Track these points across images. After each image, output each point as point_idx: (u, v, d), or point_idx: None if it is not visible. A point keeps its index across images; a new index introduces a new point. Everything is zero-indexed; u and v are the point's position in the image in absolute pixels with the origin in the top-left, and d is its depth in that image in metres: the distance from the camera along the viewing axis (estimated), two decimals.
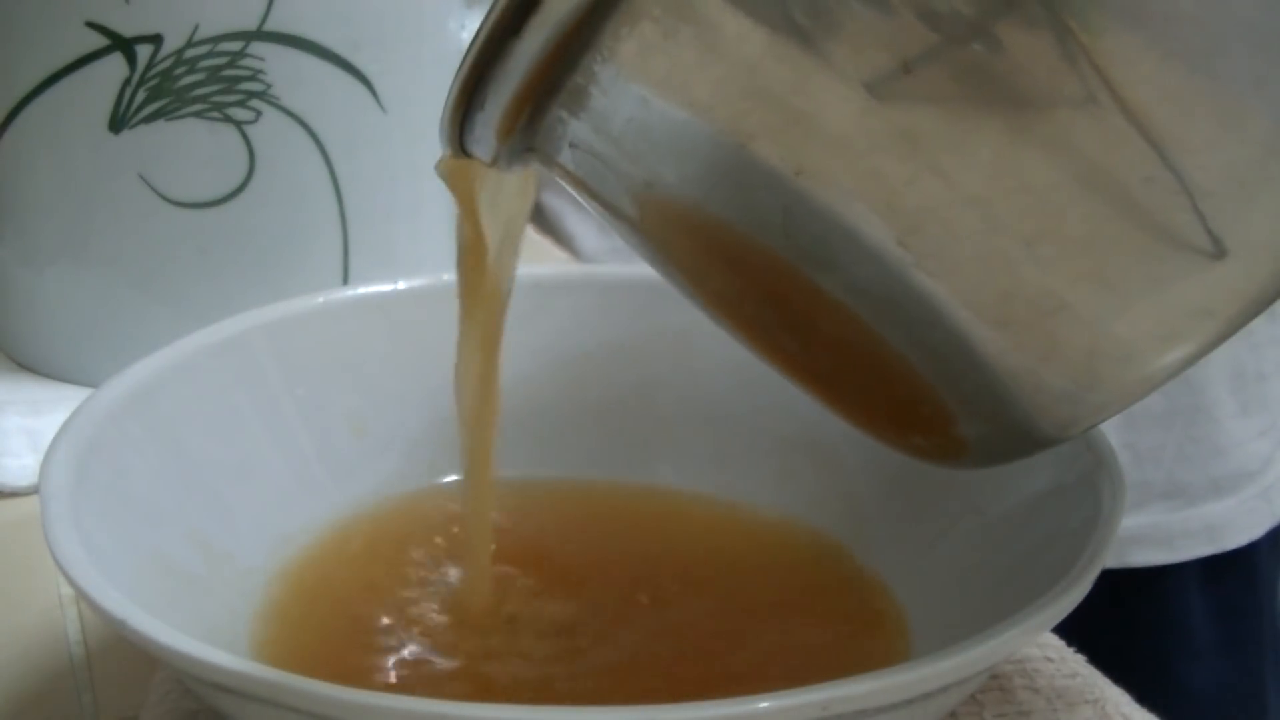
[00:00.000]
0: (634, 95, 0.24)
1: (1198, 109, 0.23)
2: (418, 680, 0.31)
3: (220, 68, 0.43)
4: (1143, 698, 0.32)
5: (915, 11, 0.22)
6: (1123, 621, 0.70)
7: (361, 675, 0.31)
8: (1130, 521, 0.68)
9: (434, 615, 0.33)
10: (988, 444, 0.27)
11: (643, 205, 0.26)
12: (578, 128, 0.25)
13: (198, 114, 0.43)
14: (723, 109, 0.23)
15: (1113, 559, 0.68)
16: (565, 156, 0.26)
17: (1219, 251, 0.23)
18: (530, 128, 0.25)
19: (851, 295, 0.24)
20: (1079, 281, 0.24)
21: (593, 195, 0.27)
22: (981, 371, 0.25)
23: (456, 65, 0.47)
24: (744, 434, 0.38)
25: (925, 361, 0.25)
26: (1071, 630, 0.31)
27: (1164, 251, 0.23)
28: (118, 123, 0.43)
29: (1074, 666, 0.32)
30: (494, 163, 0.27)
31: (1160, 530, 0.68)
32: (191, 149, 0.43)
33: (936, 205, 0.23)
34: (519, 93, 0.25)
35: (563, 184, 0.27)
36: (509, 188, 0.30)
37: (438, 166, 0.29)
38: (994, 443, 0.27)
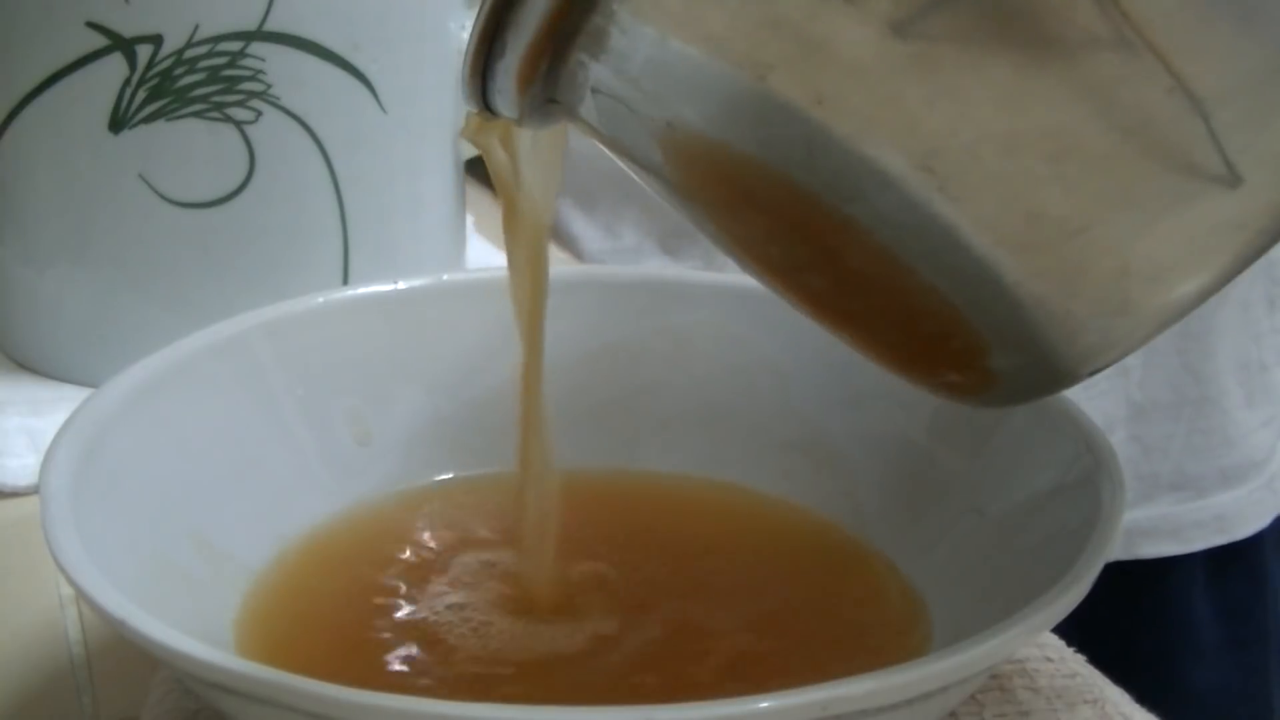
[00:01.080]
0: (652, 32, 0.24)
1: (1209, 26, 0.23)
2: (421, 678, 0.31)
3: (220, 68, 0.43)
4: (1146, 697, 0.32)
5: None
6: (1126, 621, 0.70)
7: (364, 674, 0.31)
8: (1139, 514, 0.68)
9: (437, 610, 0.33)
10: (1019, 377, 0.27)
11: (666, 149, 0.26)
12: (599, 71, 0.25)
13: (198, 114, 0.43)
14: (740, 41, 0.24)
15: (1122, 551, 0.68)
16: (587, 106, 0.26)
17: (1233, 172, 0.23)
18: (552, 74, 0.25)
19: (877, 225, 0.24)
20: (1102, 203, 0.24)
21: (617, 145, 0.27)
22: (1010, 298, 0.25)
23: (457, 65, 0.47)
24: (744, 434, 0.38)
25: (954, 290, 0.25)
26: (1073, 629, 0.31)
27: (1182, 171, 0.23)
28: (118, 123, 0.43)
29: (1074, 666, 0.32)
30: (520, 119, 0.27)
31: (1170, 521, 0.68)
32: (191, 149, 0.43)
33: (957, 130, 0.23)
34: (538, 36, 0.25)
35: (588, 137, 0.27)
36: (541, 144, 0.30)
37: (464, 130, 0.29)
38: (1025, 375, 0.27)
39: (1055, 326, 0.25)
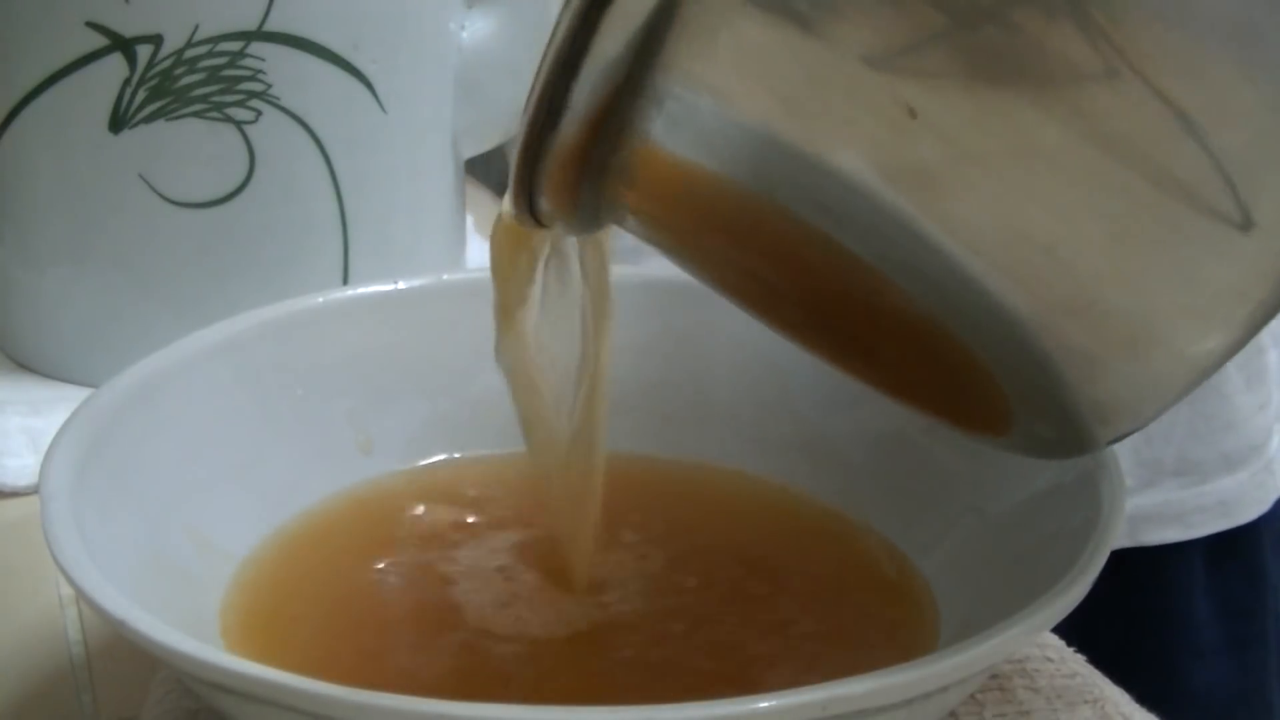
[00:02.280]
0: (670, 168, 0.25)
1: (1208, 75, 0.23)
2: (423, 676, 0.31)
3: (220, 68, 0.43)
4: (1146, 697, 0.32)
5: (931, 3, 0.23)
6: (1126, 620, 0.70)
7: (365, 672, 0.31)
8: (1143, 500, 0.68)
9: (437, 607, 0.33)
10: (1043, 442, 0.28)
11: (706, 262, 0.28)
12: (634, 197, 0.26)
13: (198, 114, 0.43)
14: (746, 169, 0.25)
15: (1126, 538, 0.68)
16: (631, 222, 0.27)
17: (1246, 222, 0.24)
18: (593, 203, 0.26)
19: (910, 285, 0.25)
20: (1116, 262, 0.24)
21: (663, 249, 0.28)
22: (1029, 361, 0.25)
23: (457, 65, 0.47)
24: (746, 434, 0.38)
25: (978, 349, 0.26)
26: (1073, 629, 0.31)
27: (1194, 225, 0.24)
28: (118, 123, 0.43)
29: (1074, 666, 0.32)
30: (569, 233, 0.28)
31: (1173, 507, 0.68)
32: (191, 149, 0.43)
33: (976, 194, 0.24)
34: (568, 181, 0.26)
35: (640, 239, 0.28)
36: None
37: (494, 233, 0.30)
38: (1049, 438, 0.27)
39: (1077, 388, 0.26)
